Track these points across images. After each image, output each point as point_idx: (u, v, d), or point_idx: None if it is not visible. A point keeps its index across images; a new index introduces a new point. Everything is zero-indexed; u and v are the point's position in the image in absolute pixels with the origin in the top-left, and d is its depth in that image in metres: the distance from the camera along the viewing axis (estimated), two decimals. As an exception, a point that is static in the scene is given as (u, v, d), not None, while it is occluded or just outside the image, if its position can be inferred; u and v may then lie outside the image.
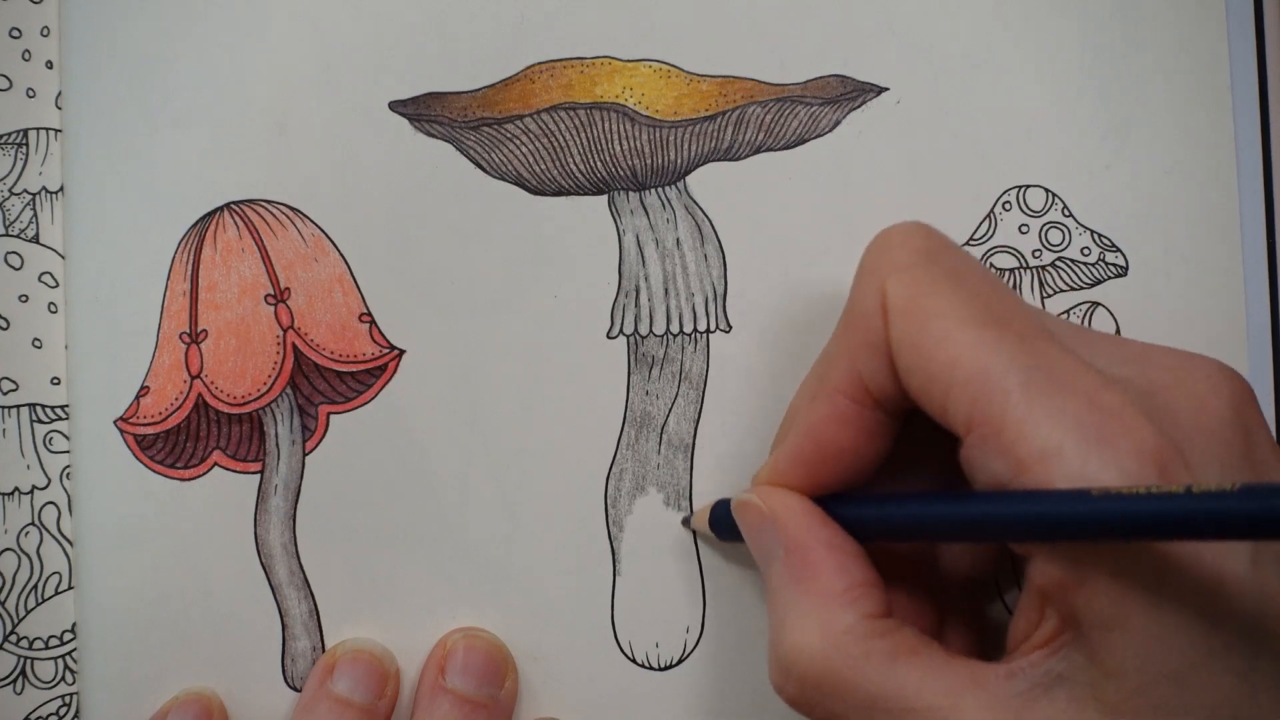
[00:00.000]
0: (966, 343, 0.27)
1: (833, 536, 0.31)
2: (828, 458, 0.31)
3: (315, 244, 0.37)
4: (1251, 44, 0.39)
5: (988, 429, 0.27)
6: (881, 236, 0.31)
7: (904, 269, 0.29)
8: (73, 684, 0.37)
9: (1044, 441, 0.26)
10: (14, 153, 0.38)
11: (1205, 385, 0.28)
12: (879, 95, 0.38)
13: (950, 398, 0.27)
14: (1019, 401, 0.26)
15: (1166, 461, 0.25)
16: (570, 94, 0.38)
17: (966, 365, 0.27)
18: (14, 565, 0.37)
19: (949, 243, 0.31)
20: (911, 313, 0.28)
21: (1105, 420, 0.26)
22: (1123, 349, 0.30)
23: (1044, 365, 0.27)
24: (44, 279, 0.38)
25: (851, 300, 0.31)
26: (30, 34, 0.38)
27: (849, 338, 0.30)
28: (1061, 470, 0.26)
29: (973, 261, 0.30)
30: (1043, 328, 0.28)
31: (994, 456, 0.27)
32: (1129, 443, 0.25)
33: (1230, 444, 0.27)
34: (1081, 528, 0.25)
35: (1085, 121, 0.39)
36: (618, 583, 0.38)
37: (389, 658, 0.36)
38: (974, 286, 0.29)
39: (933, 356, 0.28)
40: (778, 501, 0.32)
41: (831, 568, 0.30)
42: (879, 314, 0.29)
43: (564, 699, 0.37)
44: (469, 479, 0.37)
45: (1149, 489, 0.24)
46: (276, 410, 0.37)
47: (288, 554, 0.37)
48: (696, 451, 0.38)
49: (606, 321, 0.38)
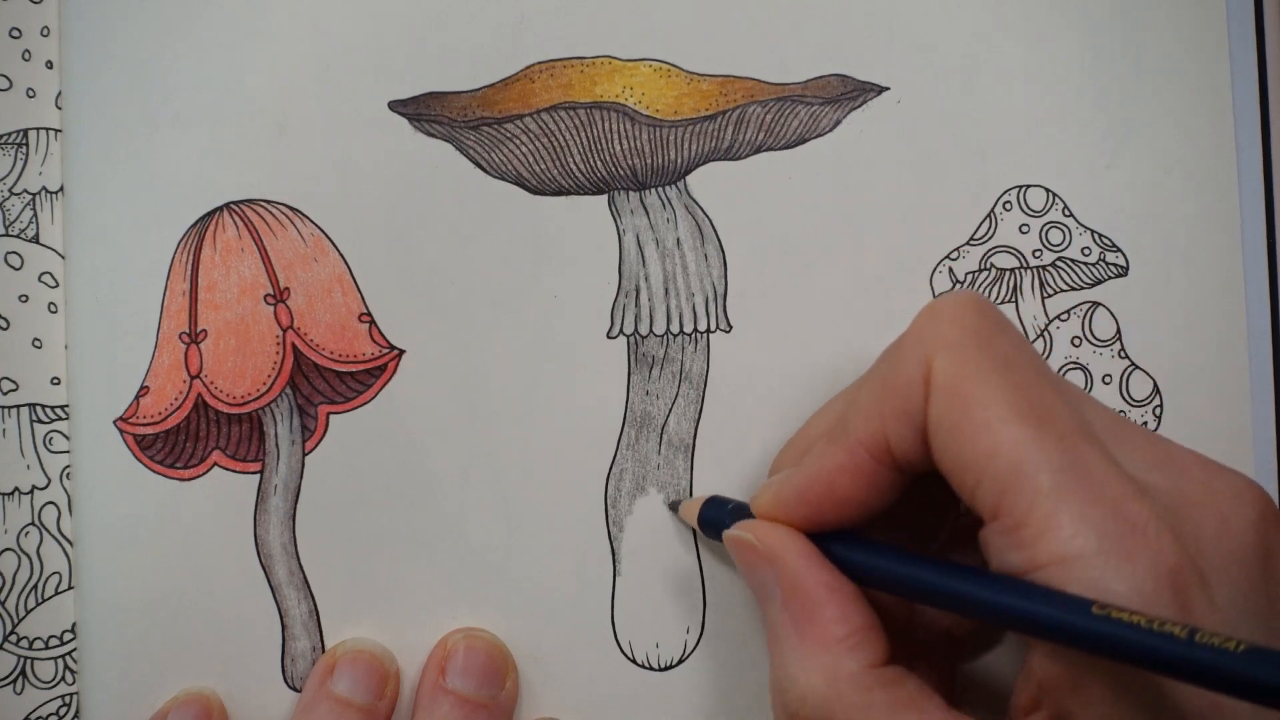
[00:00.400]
0: (1006, 436, 0.27)
1: (831, 579, 0.30)
2: (833, 503, 0.31)
3: (315, 244, 0.37)
4: (1251, 44, 0.39)
5: (1011, 521, 0.27)
6: (935, 306, 0.30)
7: (953, 347, 0.29)
8: (73, 684, 0.37)
9: (1064, 545, 0.26)
10: (14, 153, 0.38)
11: (1231, 504, 0.28)
12: (879, 95, 0.38)
13: (981, 485, 0.28)
14: (1047, 501, 0.26)
15: (1183, 582, 0.26)
16: (570, 94, 0.38)
17: (1002, 457, 0.27)
18: (14, 565, 0.37)
19: (1002, 322, 0.30)
20: (955, 395, 0.28)
21: (1128, 533, 0.26)
22: (1157, 450, 0.30)
23: (1078, 468, 0.27)
24: (44, 279, 0.38)
25: (892, 364, 0.30)
26: (30, 34, 0.38)
27: (884, 400, 0.30)
28: (1077, 575, 0.26)
29: (1023, 345, 0.30)
30: (1083, 425, 0.28)
31: (1012, 549, 0.27)
32: (1148, 559, 0.26)
33: (1250, 568, 0.27)
34: (1077, 638, 0.25)
35: (1085, 121, 0.39)
36: (618, 583, 0.38)
37: (389, 658, 0.36)
38: (1020, 376, 0.28)
39: (970, 443, 0.28)
40: (776, 541, 0.31)
41: (833, 613, 0.30)
42: (920, 386, 0.29)
43: (564, 699, 0.37)
44: (469, 479, 0.37)
45: (1151, 622, 0.24)
46: (276, 410, 0.37)
47: (287, 554, 0.37)
48: (696, 451, 0.38)
49: (606, 321, 0.38)
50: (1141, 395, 0.39)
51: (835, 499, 0.31)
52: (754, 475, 0.37)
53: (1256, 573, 0.27)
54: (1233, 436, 0.39)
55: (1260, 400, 0.39)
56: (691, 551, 0.38)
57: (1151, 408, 0.39)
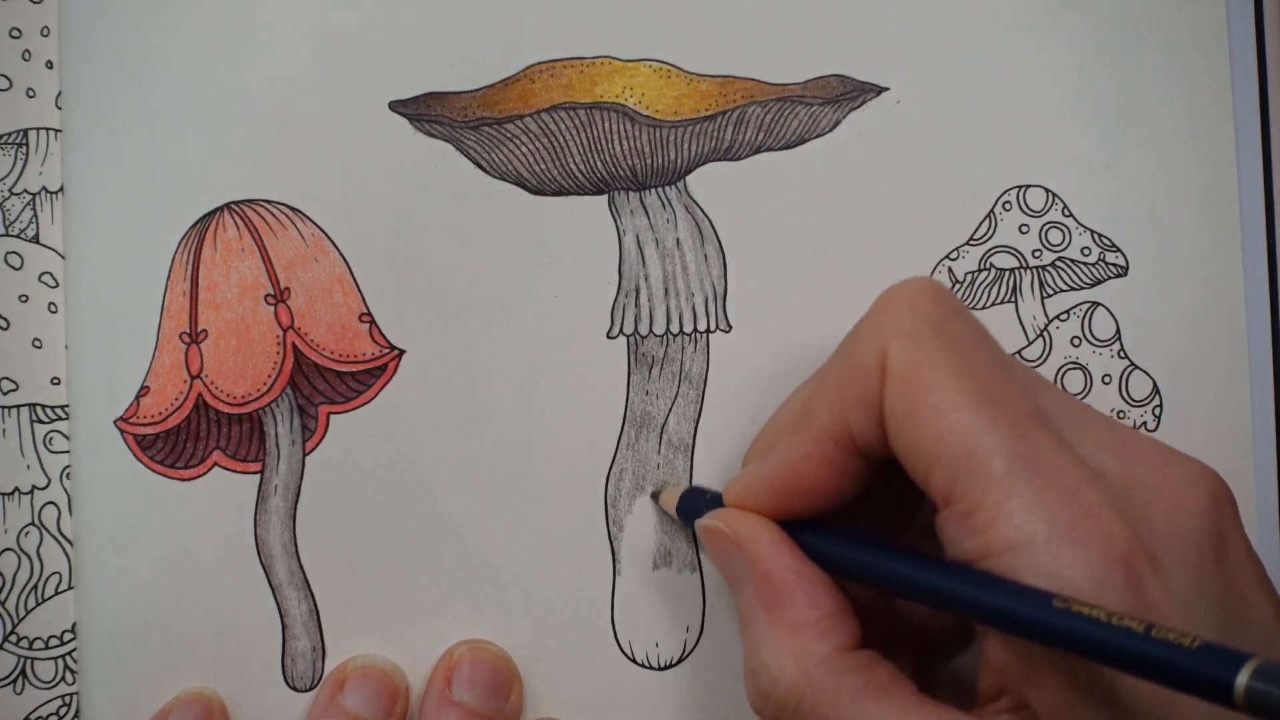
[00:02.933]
0: (957, 421, 0.27)
1: (801, 566, 0.31)
2: (802, 491, 0.31)
3: (315, 244, 0.37)
4: (1252, 44, 0.39)
5: (964, 507, 0.27)
6: (890, 293, 0.31)
7: (908, 334, 0.29)
8: (73, 684, 0.37)
9: (1016, 531, 0.26)
10: (14, 153, 0.38)
11: (1185, 489, 0.28)
12: (879, 95, 0.38)
13: (934, 471, 0.28)
14: (999, 487, 0.27)
15: (1135, 567, 0.26)
16: (570, 94, 0.38)
17: (954, 443, 0.27)
18: (14, 565, 0.37)
19: (957, 308, 0.30)
20: (909, 381, 0.29)
21: (1081, 518, 0.26)
22: (1113, 435, 0.30)
23: (1030, 453, 0.27)
24: (44, 279, 0.38)
25: (850, 351, 0.31)
26: (30, 34, 0.38)
27: (842, 388, 0.30)
28: (1029, 562, 0.26)
29: (978, 331, 0.30)
30: (1037, 411, 0.28)
31: (966, 535, 0.27)
32: (1100, 544, 0.26)
33: (1203, 551, 0.28)
34: (1035, 631, 0.25)
35: (1085, 121, 0.39)
36: (618, 583, 0.38)
37: (399, 674, 0.36)
38: (974, 362, 0.29)
39: (923, 428, 0.28)
40: (745, 528, 0.32)
41: (802, 598, 0.30)
42: (876, 374, 0.29)
43: (564, 699, 0.37)
44: (469, 479, 0.37)
45: (1110, 616, 0.24)
46: (276, 410, 0.37)
47: (288, 554, 0.37)
48: (696, 451, 0.38)
49: (606, 321, 0.38)
50: (1141, 395, 0.39)
51: (803, 487, 0.31)
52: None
53: (1210, 556, 0.28)
54: (1233, 436, 0.39)
55: (1260, 400, 0.39)
56: (691, 551, 0.38)
57: (1151, 408, 0.39)
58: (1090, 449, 0.29)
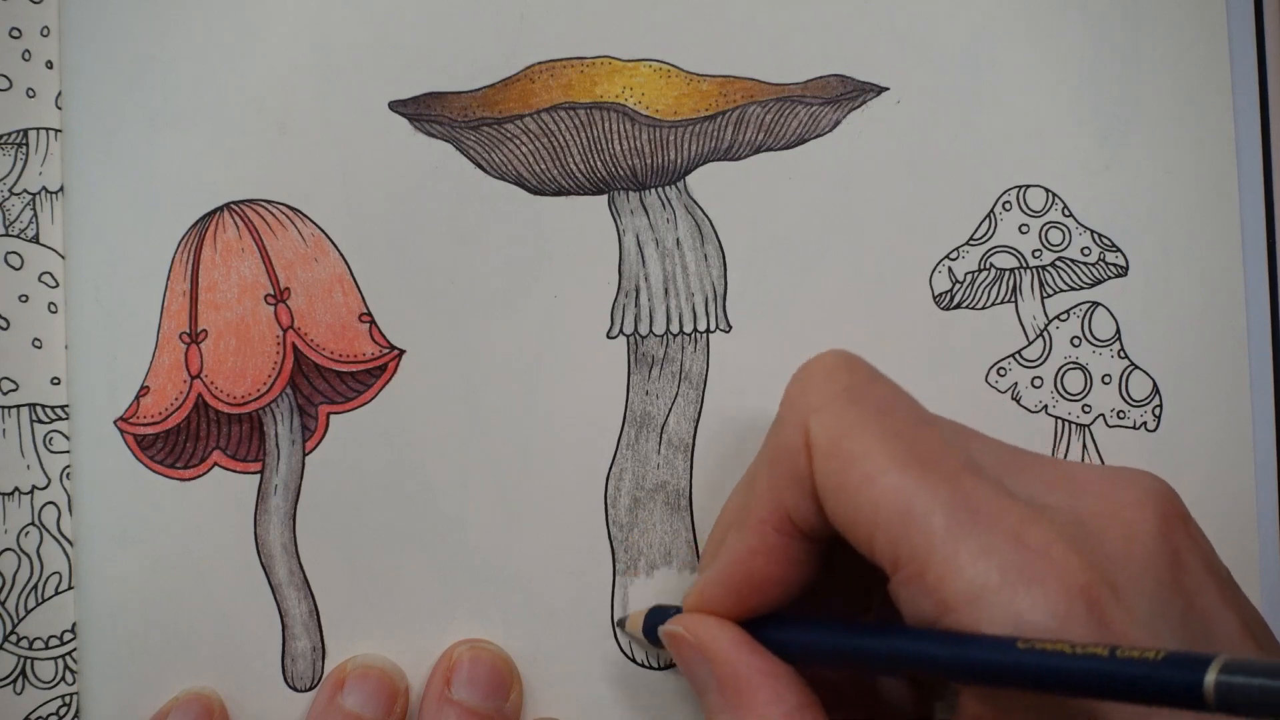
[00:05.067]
0: (889, 485, 0.27)
1: (763, 663, 0.31)
2: (755, 586, 0.31)
3: (315, 244, 0.37)
4: (1252, 44, 0.39)
5: (913, 569, 0.27)
6: (803, 370, 0.31)
7: (825, 407, 0.29)
8: (73, 684, 0.37)
9: (969, 583, 0.26)
10: (14, 153, 0.38)
11: (1134, 513, 0.28)
12: (879, 95, 0.38)
13: (875, 538, 0.28)
14: (943, 542, 0.26)
15: (1095, 597, 0.26)
16: (570, 94, 0.38)
17: (890, 507, 0.27)
18: (14, 565, 0.37)
19: (872, 374, 0.31)
20: (834, 454, 0.29)
21: (1031, 559, 0.26)
22: (1051, 472, 0.30)
23: (969, 504, 0.27)
24: (44, 279, 0.38)
25: (776, 435, 0.31)
26: (30, 34, 0.38)
27: (773, 473, 0.30)
28: (988, 612, 0.26)
29: (896, 393, 0.30)
30: (968, 462, 0.28)
31: (920, 596, 0.27)
32: (1056, 581, 0.26)
33: (1159, 571, 0.27)
34: (1004, 677, 0.25)
35: (1085, 121, 0.39)
36: (618, 583, 0.38)
37: (399, 674, 0.36)
38: (897, 424, 0.29)
39: (856, 498, 0.28)
40: (705, 632, 0.32)
41: (766, 696, 0.30)
42: (803, 452, 0.29)
43: (564, 699, 0.37)
44: (469, 479, 0.37)
45: (1074, 647, 0.24)
46: (276, 410, 0.37)
47: (288, 554, 0.37)
48: (696, 451, 0.38)
49: (606, 321, 0.38)
50: (1141, 395, 0.39)
51: (755, 581, 0.31)
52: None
53: (1167, 576, 0.27)
54: (1233, 436, 0.39)
55: (1260, 400, 0.39)
56: (692, 551, 0.38)
57: (1151, 408, 0.39)
58: (1033, 490, 0.29)
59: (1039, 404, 0.38)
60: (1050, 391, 0.38)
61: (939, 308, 0.38)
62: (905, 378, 0.38)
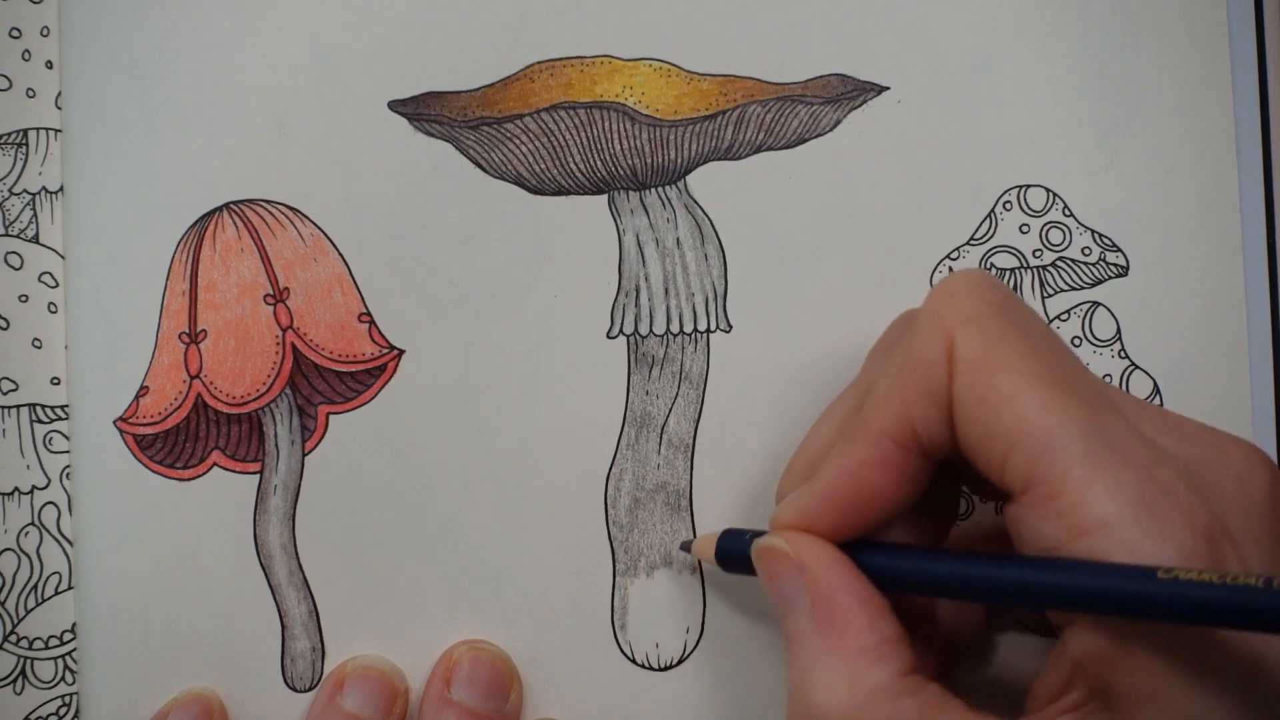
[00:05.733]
0: (1034, 403, 0.27)
1: (863, 589, 0.30)
2: (862, 502, 0.30)
3: (314, 244, 0.37)
4: (1252, 44, 0.39)
5: (1045, 491, 0.27)
6: (947, 283, 0.30)
7: (973, 320, 0.29)
8: (73, 684, 0.37)
9: (1101, 511, 0.26)
10: (14, 153, 0.38)
11: (1245, 467, 0.28)
12: (879, 95, 0.38)
13: (1011, 456, 0.27)
14: (1080, 468, 0.26)
15: (1216, 541, 0.26)
16: (570, 93, 0.38)
17: (1032, 425, 0.27)
18: (14, 565, 0.37)
19: (1015, 296, 0.30)
20: (980, 367, 0.28)
21: (1160, 495, 0.26)
22: (1165, 420, 0.30)
23: (1105, 433, 0.27)
24: (44, 279, 0.38)
25: (911, 345, 0.30)
26: (30, 34, 0.38)
27: (905, 385, 0.29)
28: (1116, 541, 0.26)
29: (1038, 317, 0.30)
30: (1102, 392, 0.28)
31: (1048, 519, 0.27)
32: (1182, 519, 0.26)
33: (1271, 526, 0.28)
34: (1146, 607, 0.25)
35: (1085, 121, 0.39)
36: (618, 583, 0.38)
37: (398, 675, 0.36)
38: (1042, 344, 0.28)
39: (998, 413, 0.28)
40: (806, 550, 0.31)
41: (863, 623, 0.29)
42: (944, 364, 0.29)
43: (564, 699, 0.37)
44: (469, 479, 0.37)
45: (1224, 578, 0.24)
46: (276, 410, 0.37)
47: (287, 554, 0.37)
48: (696, 451, 0.38)
49: (606, 321, 0.38)
50: (1141, 395, 0.39)
51: (864, 497, 0.30)
52: (754, 475, 0.37)
53: (1277, 531, 0.28)
54: (1233, 436, 0.39)
55: (1260, 400, 0.39)
56: (691, 551, 0.38)
57: (1151, 408, 0.39)
58: (1150, 432, 0.29)
59: (1039, 404, 0.38)
60: (1050, 391, 0.38)
61: (939, 308, 0.38)
62: (905, 378, 0.38)
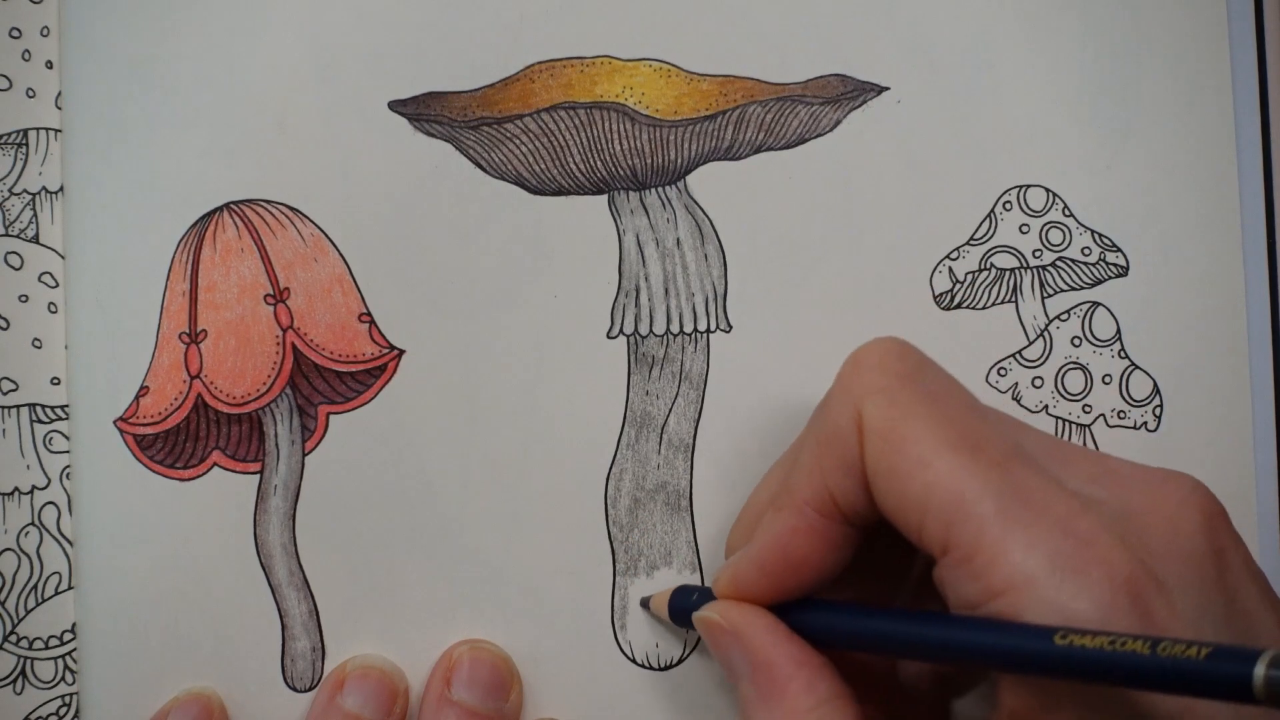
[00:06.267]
0: (943, 468, 0.28)
1: (798, 651, 0.31)
2: (792, 569, 0.31)
3: (315, 244, 0.37)
4: (1252, 44, 0.39)
5: (962, 554, 0.27)
6: (858, 355, 0.31)
7: (880, 391, 0.29)
8: (73, 684, 0.37)
9: (1017, 570, 0.26)
10: (14, 153, 0.38)
11: (1177, 510, 0.28)
12: (879, 95, 0.38)
13: (926, 522, 0.28)
14: (994, 528, 0.27)
15: (1140, 590, 0.26)
16: (570, 93, 0.38)
17: (942, 491, 0.27)
18: (14, 565, 0.37)
19: (925, 361, 0.31)
20: (888, 437, 0.29)
21: (1078, 548, 0.26)
22: (1097, 466, 0.30)
23: (1019, 491, 0.27)
24: (44, 279, 0.38)
25: (825, 417, 0.31)
26: (30, 34, 0.38)
27: (821, 454, 0.30)
28: (1034, 600, 0.26)
29: (948, 381, 0.30)
30: (1018, 450, 0.28)
31: (967, 581, 0.27)
32: (1102, 572, 0.26)
33: (1203, 568, 0.28)
34: (1043, 666, 0.25)
35: (1085, 121, 0.39)
36: (618, 583, 0.38)
37: (398, 674, 0.36)
38: (950, 409, 0.29)
39: (909, 481, 0.28)
40: (740, 618, 0.32)
41: (799, 686, 0.30)
42: (854, 435, 0.29)
43: (564, 699, 0.37)
44: (469, 479, 0.37)
45: (1114, 642, 0.24)
46: (276, 410, 0.37)
47: (287, 554, 0.37)
48: (696, 451, 0.38)
49: (606, 321, 0.38)
50: (1141, 395, 0.39)
51: (792, 564, 0.31)
52: (754, 475, 0.37)
53: (1211, 573, 0.28)
54: (1233, 436, 0.39)
55: (1260, 400, 0.39)
56: (692, 551, 0.38)
57: (1151, 408, 0.39)
58: (1078, 481, 0.29)
59: (1039, 404, 0.38)
60: (1051, 391, 0.38)
61: (939, 308, 0.38)
62: (905, 378, 0.38)
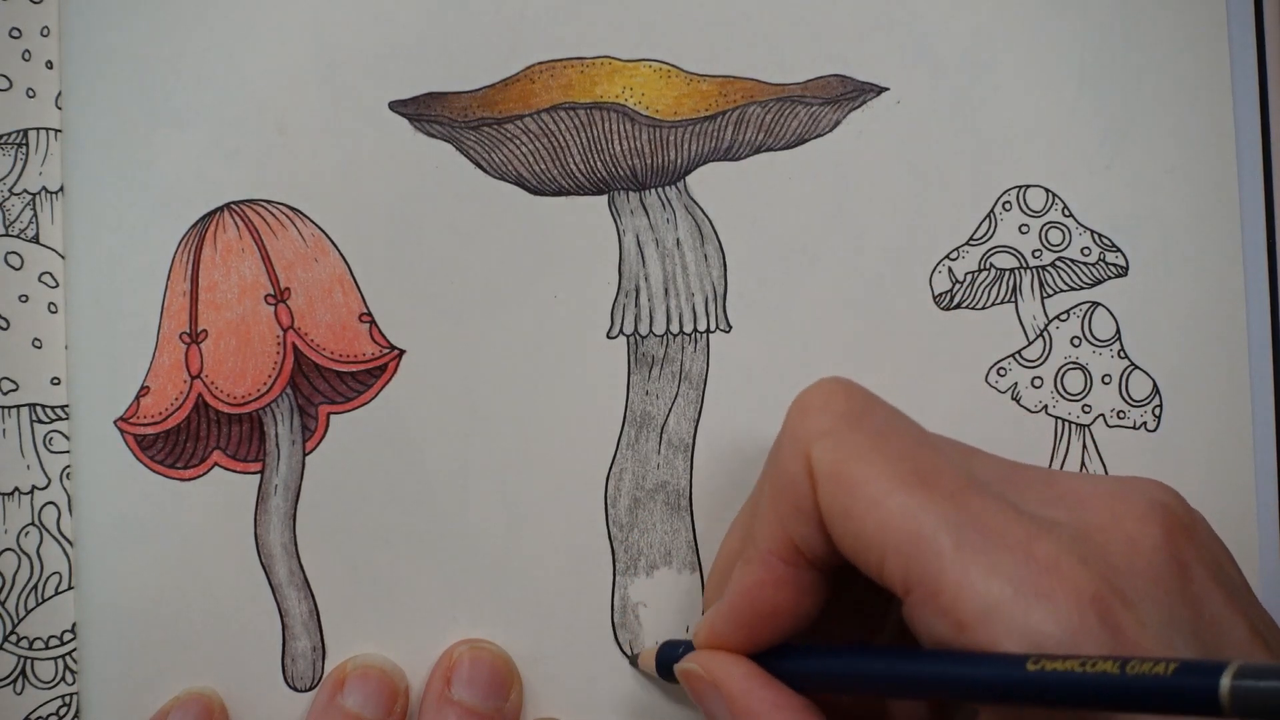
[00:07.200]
0: (895, 506, 0.27)
1: (777, 696, 0.31)
2: (764, 617, 0.31)
3: (315, 244, 0.37)
4: (1252, 44, 0.39)
5: (925, 591, 0.27)
6: (802, 399, 0.31)
7: (827, 434, 0.29)
8: (73, 684, 0.37)
9: (982, 600, 0.26)
10: (14, 153, 0.38)
11: (1137, 525, 0.28)
12: (879, 95, 0.38)
13: (885, 562, 0.28)
14: (953, 562, 0.26)
15: (1106, 608, 0.26)
16: (570, 94, 0.38)
17: (898, 529, 0.27)
18: (14, 565, 0.37)
19: (870, 398, 0.31)
20: (838, 479, 0.29)
21: (1041, 572, 0.26)
22: (1054, 487, 0.30)
23: (975, 521, 0.27)
24: (44, 279, 0.38)
25: (777, 465, 0.31)
26: (30, 34, 0.38)
27: (777, 503, 0.30)
28: (1003, 628, 0.26)
29: (896, 416, 0.30)
30: (971, 479, 0.28)
31: (934, 617, 0.27)
32: (1067, 593, 0.26)
33: (1166, 581, 0.28)
34: (1019, 696, 0.25)
35: (1085, 121, 0.39)
36: (618, 583, 0.38)
37: (399, 674, 0.36)
38: (899, 445, 0.29)
39: (863, 523, 0.28)
40: (718, 667, 0.32)
41: None
42: (806, 481, 0.29)
43: (564, 699, 0.37)
44: (469, 479, 0.37)
45: (1085, 664, 0.24)
46: (276, 410, 0.37)
47: (288, 554, 0.37)
48: (696, 451, 0.38)
49: (606, 321, 0.38)
50: (1141, 395, 0.39)
51: (764, 614, 0.31)
52: (754, 475, 0.37)
53: (1175, 585, 0.28)
54: (1233, 436, 0.39)
55: (1260, 400, 0.39)
56: (692, 551, 0.38)
57: (1151, 408, 0.39)
58: (1035, 505, 0.29)
59: (1039, 404, 0.38)
60: (1050, 391, 0.38)
61: (939, 308, 0.38)
62: (905, 378, 0.38)
